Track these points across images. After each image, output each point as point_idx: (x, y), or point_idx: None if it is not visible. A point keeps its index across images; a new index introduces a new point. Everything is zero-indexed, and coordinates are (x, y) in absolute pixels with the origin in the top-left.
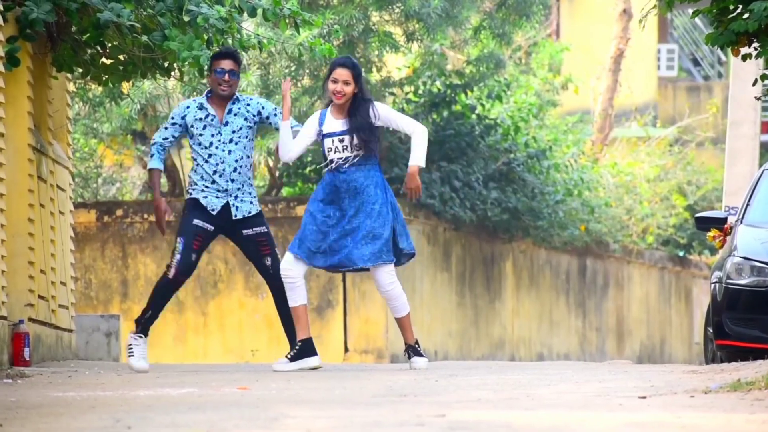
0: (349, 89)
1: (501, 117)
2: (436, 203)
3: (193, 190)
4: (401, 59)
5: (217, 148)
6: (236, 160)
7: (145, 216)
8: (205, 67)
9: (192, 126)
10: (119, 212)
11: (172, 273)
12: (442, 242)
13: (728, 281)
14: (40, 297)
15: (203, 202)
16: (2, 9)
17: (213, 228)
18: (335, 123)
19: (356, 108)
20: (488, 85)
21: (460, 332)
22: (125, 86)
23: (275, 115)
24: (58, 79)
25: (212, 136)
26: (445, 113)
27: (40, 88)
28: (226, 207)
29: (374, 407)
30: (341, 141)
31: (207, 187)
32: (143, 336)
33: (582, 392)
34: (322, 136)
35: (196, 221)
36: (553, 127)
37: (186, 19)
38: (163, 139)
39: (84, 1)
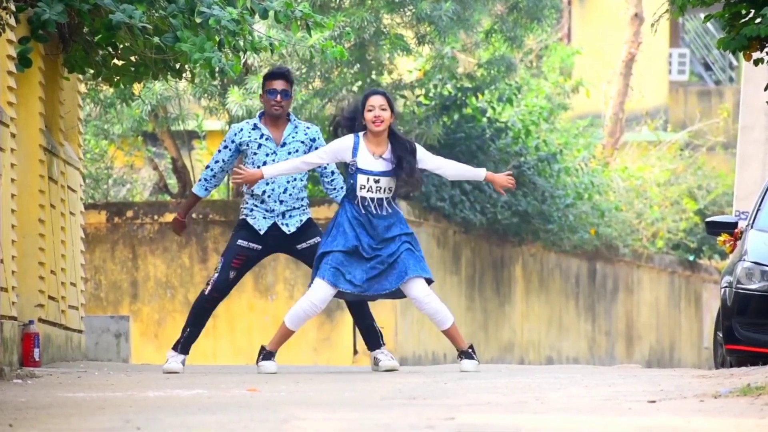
0: (387, 115)
1: (512, 120)
2: (446, 206)
3: (243, 208)
4: (412, 62)
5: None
6: (288, 182)
7: (156, 217)
8: (216, 68)
9: (246, 146)
10: (129, 213)
11: (207, 290)
12: (451, 245)
13: (738, 286)
14: (50, 298)
15: (250, 222)
16: (14, 10)
17: (261, 247)
18: (372, 161)
19: (399, 149)
20: (499, 89)
21: (469, 335)
22: (136, 87)
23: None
24: (70, 80)
25: (266, 155)
26: (456, 116)
27: (52, 89)
28: (275, 226)
29: (384, 410)
30: (377, 182)
31: (256, 206)
32: (184, 354)
33: (591, 396)
34: (355, 169)
35: (240, 242)
36: (563, 131)
37: (198, 20)
38: (215, 162)
39: (96, 3)
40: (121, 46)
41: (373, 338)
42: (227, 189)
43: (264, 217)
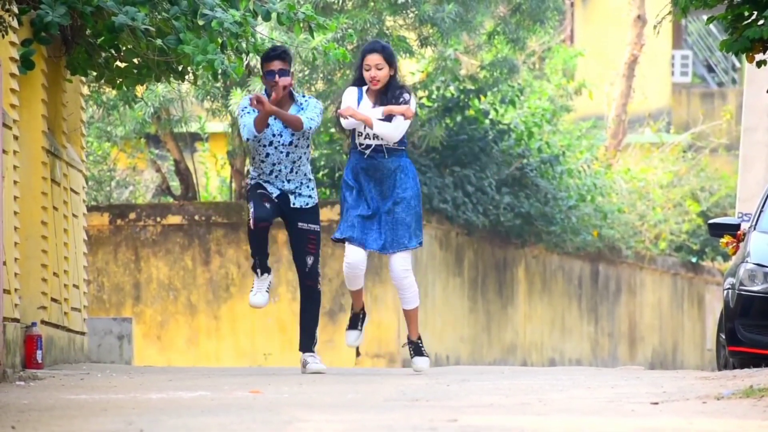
0: (383, 73)
1: (514, 122)
2: (448, 208)
3: (252, 178)
4: (415, 64)
5: (276, 148)
6: (293, 162)
7: (158, 219)
8: (219, 71)
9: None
10: (132, 215)
11: (252, 223)
12: (454, 247)
13: (741, 288)
14: (53, 300)
15: (263, 185)
16: (17, 12)
17: (276, 200)
18: (368, 107)
19: (389, 95)
20: (502, 90)
21: (472, 337)
22: (139, 90)
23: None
24: (72, 83)
25: (273, 135)
26: (459, 118)
27: (55, 92)
28: (284, 195)
29: (386, 411)
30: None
31: (265, 180)
32: (266, 273)
33: (594, 398)
34: None
35: (259, 190)
36: (566, 133)
37: (200, 22)
38: (248, 114)
39: (99, 5)
40: (124, 48)
41: (305, 341)
42: (230, 191)
43: (275, 187)
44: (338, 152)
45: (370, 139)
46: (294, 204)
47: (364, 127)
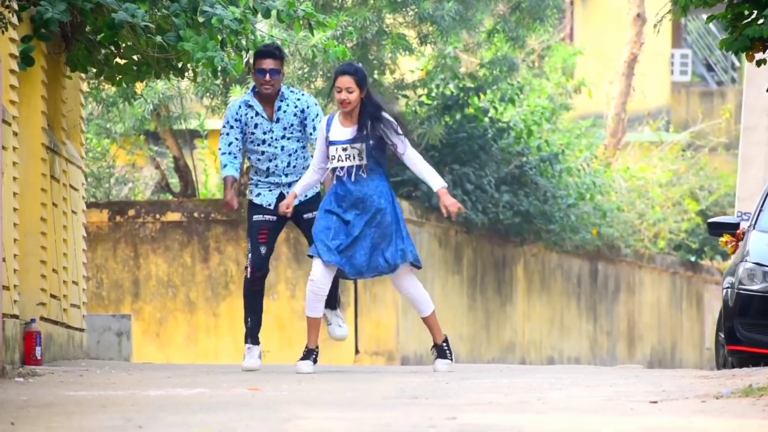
0: (354, 96)
1: (514, 120)
2: None
3: (251, 185)
4: (414, 62)
5: (269, 145)
6: (289, 155)
7: (157, 216)
8: (219, 67)
9: (245, 125)
10: (131, 212)
11: (249, 272)
12: (453, 245)
13: (740, 287)
14: (52, 296)
15: (257, 201)
16: (17, 8)
17: (275, 218)
18: (341, 131)
19: (364, 117)
20: (501, 89)
21: (470, 335)
22: (139, 86)
23: (313, 125)
24: (72, 79)
25: (264, 133)
26: (458, 116)
27: (54, 88)
28: (281, 197)
29: (385, 409)
30: (344, 150)
31: (260, 181)
32: (255, 344)
33: (593, 396)
34: (327, 143)
35: (255, 218)
36: (565, 131)
37: (200, 20)
38: (228, 145)
39: (98, 1)
40: (124, 44)
41: (331, 299)
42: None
43: (270, 191)
44: None
45: (342, 161)
46: (296, 200)
47: (336, 149)
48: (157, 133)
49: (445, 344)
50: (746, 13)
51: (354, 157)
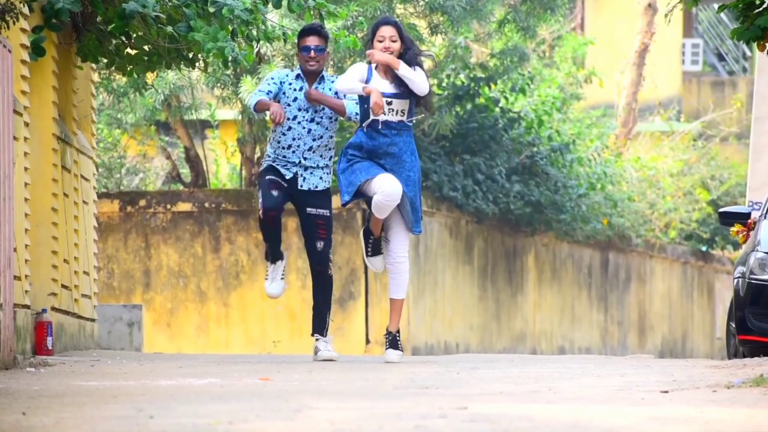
0: (397, 46)
1: (524, 110)
2: (458, 196)
3: (266, 158)
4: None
5: (299, 123)
6: (314, 139)
7: (168, 206)
8: (229, 58)
9: (285, 94)
10: (142, 202)
11: (261, 213)
12: (464, 235)
13: (751, 276)
14: (63, 286)
15: (275, 165)
16: None
17: (286, 185)
18: (382, 83)
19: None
20: (512, 79)
21: (481, 325)
22: (149, 77)
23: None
24: (83, 69)
25: (299, 110)
26: (469, 106)
27: (65, 78)
28: (295, 179)
29: (396, 399)
30: (389, 103)
31: (277, 158)
32: (279, 260)
33: (604, 386)
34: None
35: (268, 176)
36: (576, 121)
37: (211, 10)
38: (260, 91)
39: None
40: (135, 35)
41: (318, 325)
42: (240, 179)
43: (287, 168)
44: (348, 139)
45: (385, 114)
46: (302, 186)
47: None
48: (168, 124)
49: (398, 334)
50: (757, 2)
51: (397, 112)
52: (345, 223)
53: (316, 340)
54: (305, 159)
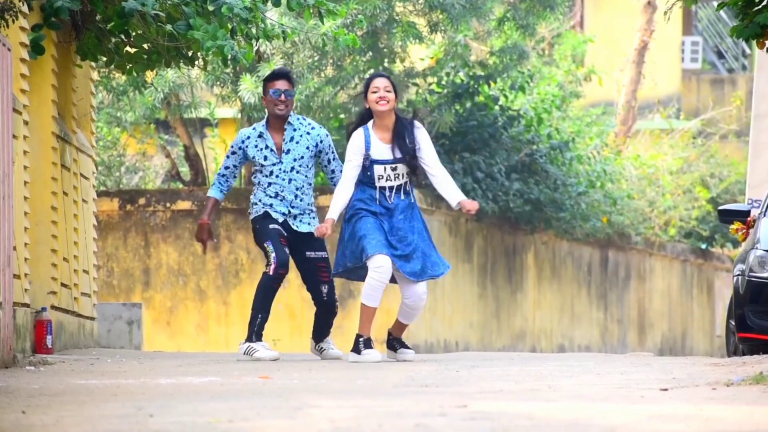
0: (391, 96)
1: (524, 108)
2: None
3: (256, 205)
4: (424, 50)
5: (277, 177)
6: (297, 188)
7: (168, 205)
8: (229, 56)
9: (253, 157)
10: (142, 201)
11: (272, 269)
12: (464, 233)
13: (751, 274)
14: (63, 285)
15: (269, 210)
16: None
17: (286, 234)
18: (383, 148)
19: (399, 128)
20: (511, 77)
21: (481, 323)
22: (149, 75)
23: (328, 158)
24: (83, 68)
25: (273, 165)
26: (468, 104)
27: (65, 77)
28: (286, 223)
29: (396, 397)
30: (393, 170)
31: (266, 206)
32: (260, 341)
33: (604, 384)
34: (370, 161)
35: (272, 226)
36: (576, 119)
37: (210, 8)
38: (225, 168)
39: None
40: (134, 33)
41: (322, 333)
42: (239, 177)
43: (279, 212)
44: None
45: (391, 180)
46: (299, 228)
47: (384, 169)
48: (168, 122)
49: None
50: (757, 0)
51: (401, 176)
52: None
53: (318, 342)
54: (293, 208)
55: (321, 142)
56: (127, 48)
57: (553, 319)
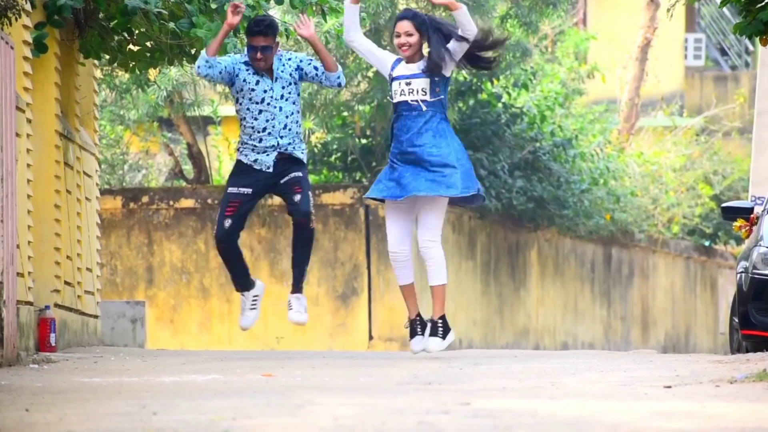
0: (413, 39)
1: (527, 106)
2: None
3: (243, 148)
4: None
5: (268, 104)
6: (287, 116)
7: (171, 203)
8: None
9: (244, 80)
10: (145, 199)
11: (215, 241)
12: (467, 231)
13: (754, 271)
14: (66, 283)
15: (255, 166)
16: None
17: (251, 191)
18: (406, 68)
19: (428, 63)
20: (514, 74)
21: (484, 321)
22: (152, 73)
23: (313, 65)
24: (86, 66)
25: (264, 92)
26: (471, 102)
27: (68, 75)
28: (279, 159)
29: (399, 395)
30: (408, 84)
31: (255, 146)
32: (247, 291)
33: (607, 381)
34: (390, 79)
35: (231, 189)
36: (579, 116)
37: (213, 6)
38: (206, 63)
39: None
40: (137, 31)
41: (296, 280)
42: None
43: (267, 154)
44: (350, 136)
45: (405, 95)
46: (296, 156)
47: (399, 84)
48: (171, 120)
49: (440, 322)
50: None
51: (417, 91)
52: (348, 219)
53: (291, 294)
54: (282, 138)
55: (301, 61)
56: (130, 46)
57: (557, 316)
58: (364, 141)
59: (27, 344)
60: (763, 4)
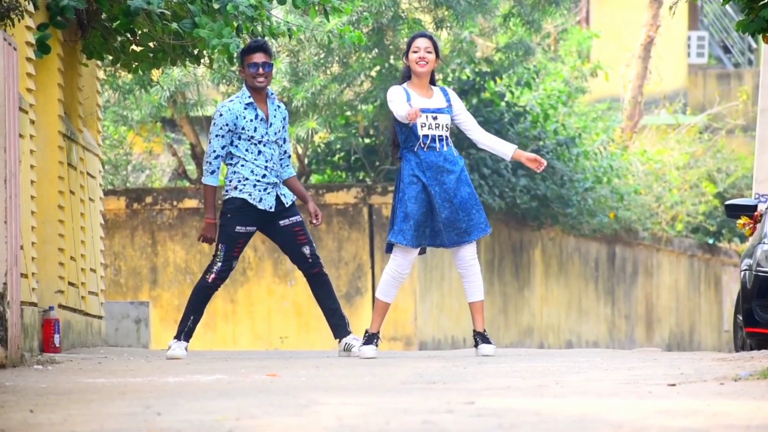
0: (431, 57)
1: (530, 104)
2: None
3: (243, 185)
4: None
5: (265, 145)
6: (279, 158)
7: (175, 203)
8: (235, 58)
9: (244, 128)
10: (149, 199)
11: (211, 278)
12: None
13: (758, 269)
14: (70, 284)
15: (260, 206)
16: None
17: (255, 228)
18: (423, 100)
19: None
20: (517, 73)
21: (488, 319)
22: (155, 73)
23: (285, 136)
24: (88, 67)
25: (262, 136)
26: (474, 101)
27: (71, 76)
28: (279, 200)
29: (403, 394)
30: (434, 118)
31: (259, 181)
32: (187, 341)
33: (611, 380)
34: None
35: (239, 228)
36: (582, 115)
37: (216, 6)
38: (222, 147)
39: None
40: (140, 32)
41: (340, 325)
42: None
43: (268, 193)
44: (354, 135)
45: (433, 129)
46: (287, 203)
47: (426, 118)
48: (174, 120)
49: (485, 332)
50: None
51: (442, 127)
52: (351, 218)
53: (343, 338)
54: (277, 177)
55: (284, 119)
56: (133, 46)
57: (561, 315)
58: (367, 140)
59: (31, 345)
60: (766, 1)
